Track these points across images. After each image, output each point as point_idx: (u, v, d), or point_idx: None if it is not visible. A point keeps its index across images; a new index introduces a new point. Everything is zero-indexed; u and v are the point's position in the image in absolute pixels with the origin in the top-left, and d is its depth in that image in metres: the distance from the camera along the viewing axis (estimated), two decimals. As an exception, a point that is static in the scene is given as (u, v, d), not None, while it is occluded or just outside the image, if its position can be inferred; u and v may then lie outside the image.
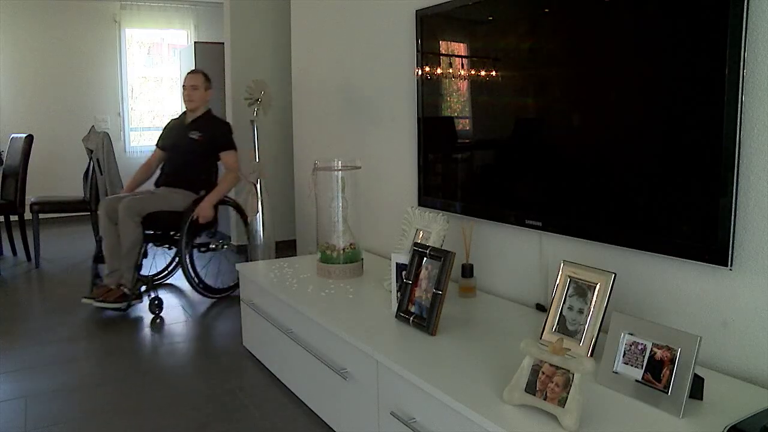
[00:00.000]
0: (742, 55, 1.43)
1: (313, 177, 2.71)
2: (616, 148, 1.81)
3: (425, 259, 1.99)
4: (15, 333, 3.10)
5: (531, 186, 2.09)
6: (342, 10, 3.33)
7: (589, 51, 1.87)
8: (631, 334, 1.48)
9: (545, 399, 1.34)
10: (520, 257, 2.23)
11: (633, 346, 1.46)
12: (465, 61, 2.39)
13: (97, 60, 6.60)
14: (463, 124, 2.43)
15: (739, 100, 1.44)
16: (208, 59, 5.90)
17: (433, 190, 2.57)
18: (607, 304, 1.64)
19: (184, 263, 3.55)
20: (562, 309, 1.74)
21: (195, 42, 6.16)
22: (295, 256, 3.45)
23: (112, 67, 6.69)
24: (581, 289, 1.71)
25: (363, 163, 2.73)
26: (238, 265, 2.84)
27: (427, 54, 2.54)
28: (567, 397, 1.30)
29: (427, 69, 2.54)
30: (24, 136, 4.70)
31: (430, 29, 2.50)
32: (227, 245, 3.82)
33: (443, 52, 2.49)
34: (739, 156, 1.47)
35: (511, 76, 2.17)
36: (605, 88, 1.83)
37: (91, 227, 4.91)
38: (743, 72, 1.44)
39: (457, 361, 1.67)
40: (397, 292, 2.07)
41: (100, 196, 4.29)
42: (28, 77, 6.36)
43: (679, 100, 1.60)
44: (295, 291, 2.39)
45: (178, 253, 3.65)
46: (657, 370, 1.40)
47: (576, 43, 1.91)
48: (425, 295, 1.93)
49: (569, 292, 1.74)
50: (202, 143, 3.58)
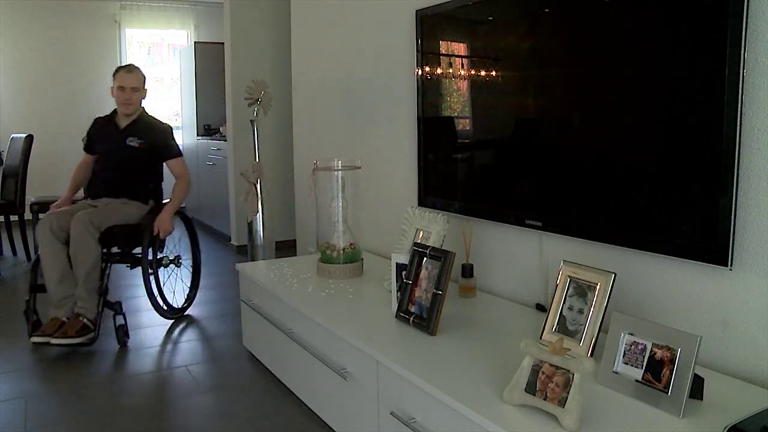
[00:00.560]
0: (742, 55, 1.43)
1: (313, 177, 2.71)
2: (616, 148, 1.81)
3: (425, 259, 1.99)
4: (15, 333, 3.10)
5: (531, 186, 2.09)
6: (342, 10, 3.33)
7: (589, 51, 1.87)
8: (631, 334, 1.48)
9: (545, 399, 1.34)
10: (520, 257, 2.23)
11: (633, 346, 1.46)
12: (465, 61, 2.39)
13: (97, 60, 6.61)
14: (463, 124, 2.43)
15: (739, 100, 1.44)
16: (208, 59, 5.91)
17: (433, 190, 2.57)
18: (607, 304, 1.64)
19: (149, 284, 3.17)
20: (562, 309, 1.74)
21: (195, 42, 6.17)
22: (295, 256, 3.45)
23: (112, 67, 6.58)
24: (581, 289, 1.71)
25: (363, 163, 2.73)
26: (239, 265, 2.83)
27: (427, 54, 2.54)
28: (567, 397, 1.30)
29: (427, 69, 2.54)
30: (24, 136, 4.70)
31: (430, 29, 2.50)
32: (180, 259, 3.47)
33: (443, 52, 2.49)
34: (739, 156, 1.47)
35: (511, 76, 2.17)
36: (605, 88, 1.83)
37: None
38: (743, 72, 1.44)
39: (457, 361, 1.67)
40: (397, 292, 2.07)
41: None
42: (28, 77, 6.36)
43: (679, 100, 1.60)
44: (295, 291, 2.39)
45: (144, 271, 3.17)
46: (657, 370, 1.40)
47: (576, 43, 1.91)
48: (425, 295, 1.93)
49: (569, 292, 1.74)
50: (143, 151, 3.22)
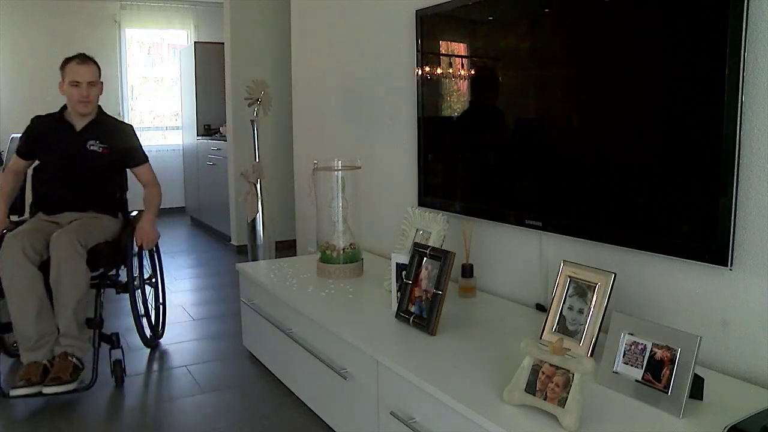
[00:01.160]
0: (742, 55, 1.43)
1: (313, 177, 2.71)
2: (616, 148, 1.81)
3: (425, 259, 1.99)
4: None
5: (531, 186, 2.09)
6: (342, 10, 3.32)
7: (589, 51, 1.87)
8: (631, 334, 1.48)
9: (545, 399, 1.34)
10: (520, 257, 2.23)
11: (633, 346, 1.46)
12: (465, 61, 2.39)
13: (97, 60, 6.59)
14: (463, 124, 2.43)
15: (739, 100, 1.44)
16: (208, 59, 5.91)
17: (433, 190, 2.57)
18: (607, 304, 1.64)
19: (136, 308, 2.75)
20: (562, 309, 1.74)
21: (195, 42, 6.17)
22: (295, 256, 3.45)
23: (112, 67, 6.69)
24: (581, 289, 1.71)
25: (363, 163, 2.73)
26: (239, 265, 2.83)
27: (427, 54, 2.54)
28: (567, 397, 1.30)
29: (427, 69, 2.54)
30: (24, 136, 4.68)
31: (430, 29, 2.50)
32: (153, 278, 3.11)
33: (443, 52, 2.49)
34: (739, 156, 1.47)
35: (511, 76, 2.17)
36: (605, 88, 1.83)
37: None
38: (743, 72, 1.44)
39: (457, 361, 1.67)
40: (397, 292, 2.07)
41: None
42: (28, 77, 6.35)
43: (680, 100, 1.60)
44: (295, 291, 2.39)
45: (131, 294, 2.73)
46: (657, 370, 1.40)
47: (576, 43, 1.91)
48: (425, 295, 1.93)
49: (569, 292, 1.74)
50: (107, 157, 2.81)
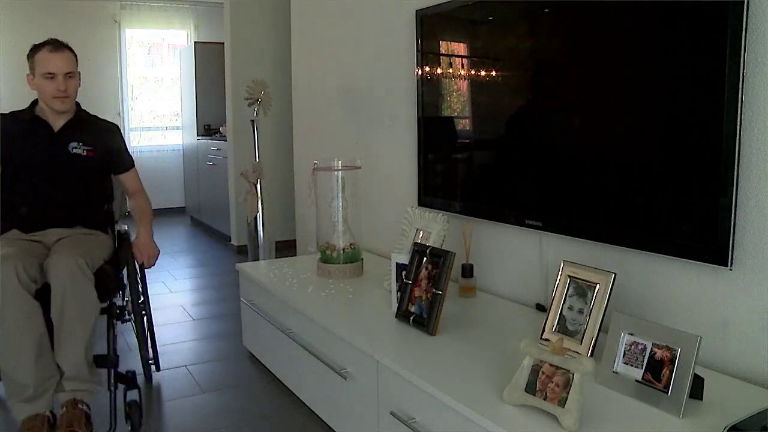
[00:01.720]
0: (742, 55, 1.43)
1: (313, 177, 2.71)
2: (616, 148, 1.81)
3: (425, 259, 1.99)
4: None
5: (531, 186, 2.09)
6: (342, 10, 3.33)
7: (589, 51, 1.87)
8: (631, 334, 1.48)
9: (545, 399, 1.34)
10: (520, 257, 2.23)
11: (633, 346, 1.46)
12: (465, 61, 2.39)
13: (97, 60, 6.59)
14: (463, 124, 2.43)
15: (739, 101, 1.44)
16: (208, 59, 5.91)
17: (433, 190, 2.57)
18: (607, 304, 1.64)
19: (143, 337, 2.44)
20: (562, 309, 1.74)
21: (195, 42, 6.17)
22: (295, 256, 3.45)
23: (113, 67, 6.69)
24: (581, 289, 1.71)
25: (363, 163, 2.73)
26: (239, 265, 2.83)
27: (427, 54, 2.54)
28: (567, 397, 1.30)
29: (427, 69, 2.54)
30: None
31: (430, 29, 2.50)
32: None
33: (443, 52, 2.49)
34: (739, 156, 1.47)
35: (511, 76, 2.17)
36: (605, 88, 1.83)
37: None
38: (743, 72, 1.44)
39: (457, 361, 1.67)
40: (397, 292, 2.07)
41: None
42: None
43: (679, 100, 1.60)
44: (295, 291, 2.39)
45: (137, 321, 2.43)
46: (657, 370, 1.40)
47: (576, 43, 1.91)
48: (425, 295, 1.93)
49: (569, 292, 1.74)
50: (93, 160, 2.36)
